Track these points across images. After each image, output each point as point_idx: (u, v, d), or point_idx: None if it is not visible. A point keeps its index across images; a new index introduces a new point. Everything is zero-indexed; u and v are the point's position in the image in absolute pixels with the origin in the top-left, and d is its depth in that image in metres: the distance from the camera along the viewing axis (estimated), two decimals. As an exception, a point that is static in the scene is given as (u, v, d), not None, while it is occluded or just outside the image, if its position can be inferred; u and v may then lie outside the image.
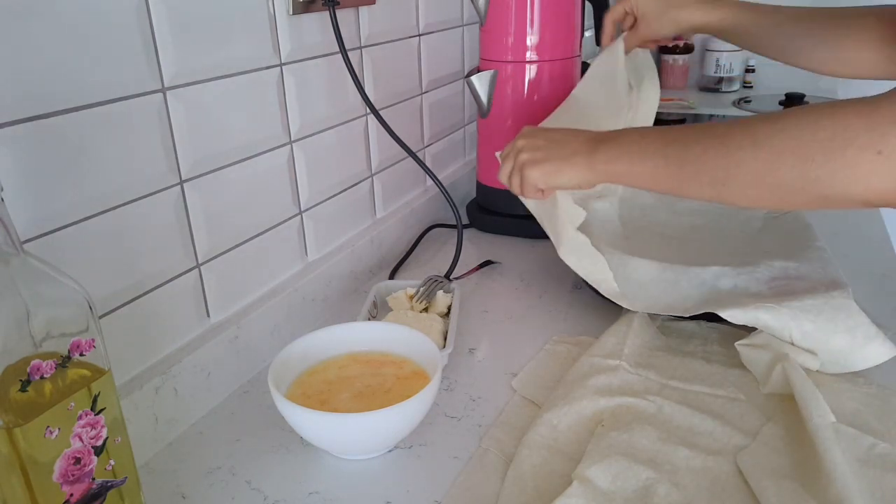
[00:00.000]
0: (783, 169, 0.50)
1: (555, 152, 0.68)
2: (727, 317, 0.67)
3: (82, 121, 0.52)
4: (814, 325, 0.64)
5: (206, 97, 0.63)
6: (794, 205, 0.54)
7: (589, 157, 0.65)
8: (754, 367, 0.66)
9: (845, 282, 0.69)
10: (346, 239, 0.89)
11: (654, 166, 0.59)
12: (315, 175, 0.80)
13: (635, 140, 0.62)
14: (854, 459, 0.54)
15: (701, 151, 0.56)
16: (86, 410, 0.42)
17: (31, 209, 0.49)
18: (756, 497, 0.51)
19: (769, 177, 0.51)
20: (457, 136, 1.19)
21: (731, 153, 0.53)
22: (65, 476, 0.42)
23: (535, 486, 0.53)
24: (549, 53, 0.98)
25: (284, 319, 0.74)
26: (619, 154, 0.63)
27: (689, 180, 0.57)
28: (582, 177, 0.66)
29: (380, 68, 0.90)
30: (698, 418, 0.60)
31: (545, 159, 0.68)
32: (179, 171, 0.61)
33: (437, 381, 0.57)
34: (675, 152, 0.58)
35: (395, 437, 0.58)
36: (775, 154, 0.51)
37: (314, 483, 0.56)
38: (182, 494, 0.55)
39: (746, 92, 1.98)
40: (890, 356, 0.63)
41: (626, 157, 0.62)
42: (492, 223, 1.05)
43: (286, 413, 0.56)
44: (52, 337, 0.40)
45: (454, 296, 0.79)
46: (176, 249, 0.62)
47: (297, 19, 0.73)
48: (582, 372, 0.66)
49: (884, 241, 0.94)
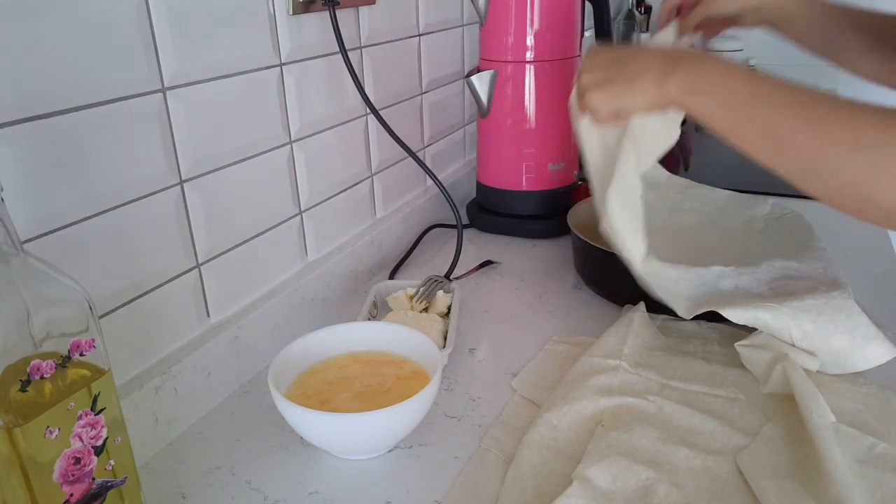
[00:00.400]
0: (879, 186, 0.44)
1: (618, 71, 0.61)
2: (728, 316, 0.67)
3: (82, 121, 0.52)
4: (814, 326, 0.64)
5: (206, 97, 0.63)
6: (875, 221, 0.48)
7: (661, 80, 0.58)
8: (754, 367, 0.66)
9: (845, 282, 0.69)
10: (346, 239, 0.89)
11: (736, 120, 0.53)
12: (315, 175, 0.80)
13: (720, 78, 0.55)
14: (854, 459, 0.54)
15: (794, 128, 0.49)
16: (86, 410, 0.42)
17: (31, 209, 0.49)
18: (756, 497, 0.51)
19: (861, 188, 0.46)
20: (457, 136, 1.19)
21: (826, 147, 0.47)
22: (65, 476, 0.42)
23: (535, 486, 0.53)
24: (549, 53, 0.98)
25: (284, 319, 0.74)
26: (697, 88, 0.56)
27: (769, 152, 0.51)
28: (650, 99, 0.59)
29: (380, 68, 0.90)
30: (698, 418, 0.60)
31: (607, 80, 0.62)
32: (179, 171, 0.61)
33: (437, 381, 0.57)
34: (762, 116, 0.51)
35: (395, 437, 0.58)
36: (876, 168, 0.44)
37: (314, 483, 0.56)
38: (182, 494, 0.55)
39: (746, 92, 1.98)
40: (889, 357, 0.63)
41: (704, 96, 0.55)
42: (492, 223, 1.05)
43: (286, 413, 0.56)
44: (52, 337, 0.40)
45: (454, 296, 0.79)
46: (176, 249, 0.62)
47: (297, 19, 0.73)
48: (582, 372, 0.66)
49: (884, 241, 0.94)
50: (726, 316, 0.67)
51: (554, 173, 1.03)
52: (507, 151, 1.02)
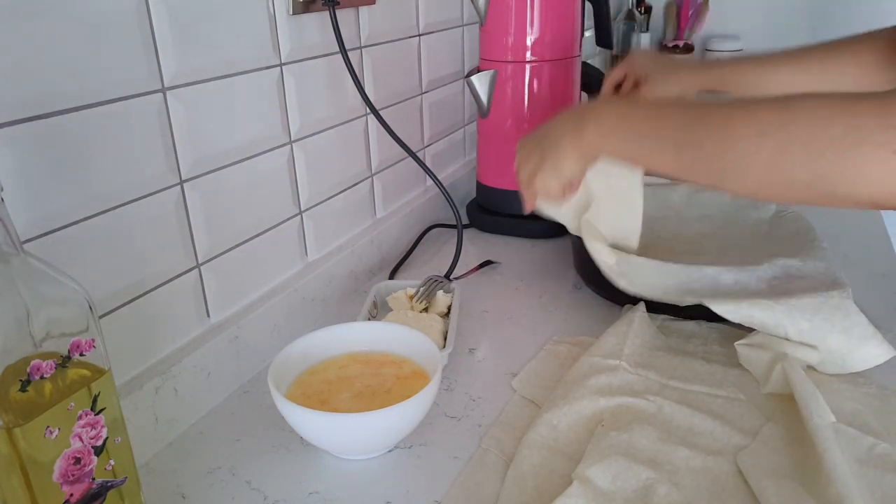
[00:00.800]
0: (790, 164, 0.48)
1: (543, 149, 0.65)
2: (720, 312, 0.67)
3: (82, 121, 0.52)
4: (810, 324, 0.64)
5: (206, 97, 0.63)
6: (799, 200, 0.51)
7: (576, 137, 0.61)
8: (753, 367, 0.66)
9: (846, 282, 0.69)
10: (346, 239, 0.89)
11: (650, 149, 0.56)
12: (315, 175, 0.80)
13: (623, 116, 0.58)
14: (854, 459, 0.54)
15: (701, 137, 0.52)
16: (86, 410, 0.42)
17: (31, 209, 0.49)
18: (756, 497, 0.51)
19: (775, 171, 0.49)
20: (457, 136, 1.19)
21: (734, 143, 0.50)
22: (65, 476, 0.42)
23: (535, 486, 0.53)
24: (549, 53, 0.98)
25: (284, 319, 0.74)
26: (607, 131, 0.59)
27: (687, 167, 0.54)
28: (577, 157, 0.62)
29: (380, 68, 0.90)
30: (698, 418, 0.60)
31: (539, 162, 0.66)
32: (179, 171, 0.61)
33: (437, 381, 0.57)
34: (671, 135, 0.54)
35: (395, 437, 0.58)
36: (782, 148, 0.48)
37: (314, 483, 0.56)
38: (182, 494, 0.55)
39: (746, 92, 1.98)
40: (887, 357, 0.63)
41: (615, 136, 0.58)
42: (492, 223, 1.05)
43: (286, 413, 0.56)
44: (52, 337, 0.40)
45: (454, 296, 0.79)
46: (176, 249, 0.62)
47: (297, 19, 0.73)
48: (582, 372, 0.66)
49: (884, 241, 0.94)
50: (716, 311, 0.67)
51: (554, 173, 1.03)
52: (507, 151, 1.02)
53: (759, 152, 0.49)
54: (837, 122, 0.46)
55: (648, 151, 0.56)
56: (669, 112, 0.56)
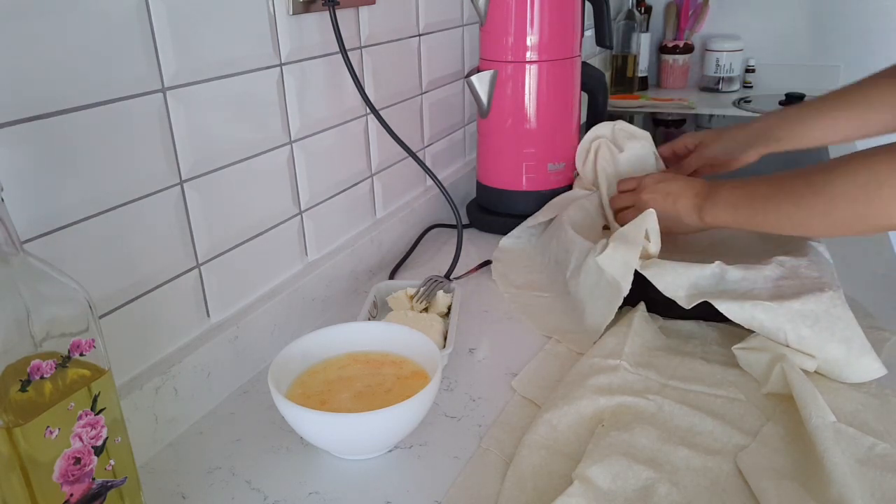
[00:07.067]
0: (838, 210, 0.64)
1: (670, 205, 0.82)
2: (723, 310, 0.67)
3: (82, 121, 0.52)
4: (811, 332, 0.64)
5: (206, 97, 0.63)
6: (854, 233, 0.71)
7: (698, 213, 0.79)
8: (753, 368, 0.66)
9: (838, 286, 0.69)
10: (346, 239, 0.89)
11: (749, 217, 0.74)
12: (315, 175, 0.80)
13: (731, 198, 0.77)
14: (854, 460, 0.54)
15: (778, 203, 0.70)
16: (86, 410, 0.42)
17: (31, 209, 0.49)
18: (756, 497, 0.51)
19: (830, 216, 0.66)
20: (457, 136, 1.19)
21: (799, 203, 0.68)
22: (65, 476, 0.42)
23: (535, 486, 0.53)
24: (549, 53, 0.98)
25: (284, 319, 0.74)
26: (721, 210, 0.77)
27: (774, 224, 0.72)
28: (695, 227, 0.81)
29: (380, 68, 0.90)
30: (698, 418, 0.60)
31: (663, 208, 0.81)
32: (179, 171, 0.61)
33: (437, 381, 0.57)
34: (761, 205, 0.73)
35: (395, 437, 0.58)
36: (829, 199, 0.65)
37: (314, 483, 0.56)
38: (182, 494, 0.55)
39: (746, 92, 1.98)
40: (880, 375, 0.63)
41: (726, 213, 0.77)
42: (492, 223, 1.05)
43: (286, 413, 0.56)
44: (52, 337, 0.40)
45: (454, 296, 0.79)
46: (176, 249, 0.62)
47: (297, 19, 0.73)
48: (582, 372, 0.66)
49: (884, 241, 0.94)
50: (721, 310, 0.67)
51: (554, 173, 1.03)
52: (507, 151, 1.02)
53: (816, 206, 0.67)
54: (862, 173, 0.62)
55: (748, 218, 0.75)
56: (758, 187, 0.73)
